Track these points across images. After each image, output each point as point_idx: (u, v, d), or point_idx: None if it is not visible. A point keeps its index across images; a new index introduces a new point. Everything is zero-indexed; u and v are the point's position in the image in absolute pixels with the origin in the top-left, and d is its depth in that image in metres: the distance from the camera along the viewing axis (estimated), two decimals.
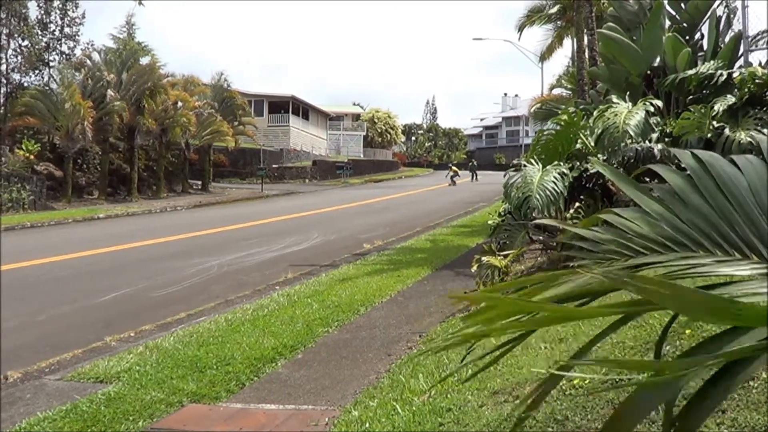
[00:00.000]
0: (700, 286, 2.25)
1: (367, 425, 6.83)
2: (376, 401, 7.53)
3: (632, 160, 12.81)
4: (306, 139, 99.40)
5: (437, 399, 6.98)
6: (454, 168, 79.76)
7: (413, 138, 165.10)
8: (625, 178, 2.96)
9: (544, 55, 51.69)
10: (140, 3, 26.73)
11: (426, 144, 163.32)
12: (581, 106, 17.28)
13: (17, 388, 9.95)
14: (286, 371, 10.00)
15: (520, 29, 48.02)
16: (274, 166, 79.72)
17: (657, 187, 2.84)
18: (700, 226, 2.59)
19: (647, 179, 13.07)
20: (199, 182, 65.24)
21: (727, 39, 18.51)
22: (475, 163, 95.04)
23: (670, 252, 2.57)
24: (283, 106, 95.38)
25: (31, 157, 47.19)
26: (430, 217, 36.54)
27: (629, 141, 12.09)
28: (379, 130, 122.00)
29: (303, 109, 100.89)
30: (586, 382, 5.65)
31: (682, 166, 2.84)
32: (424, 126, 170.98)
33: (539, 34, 49.26)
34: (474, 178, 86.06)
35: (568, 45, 51.73)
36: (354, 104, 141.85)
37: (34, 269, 21.37)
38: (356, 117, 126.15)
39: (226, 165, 75.98)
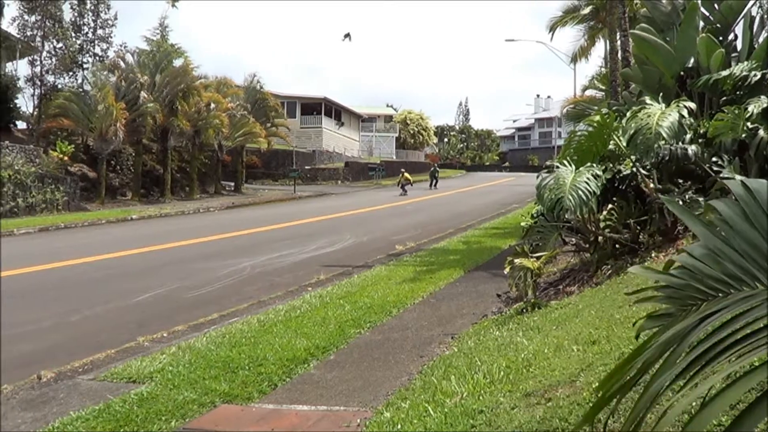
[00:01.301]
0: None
1: (399, 427, 6.82)
2: (408, 403, 7.52)
3: (666, 161, 12.74)
4: (338, 140, 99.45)
5: (469, 401, 6.95)
6: (405, 174, 67.04)
7: (445, 139, 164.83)
8: (689, 214, 2.94)
9: (577, 56, 51.46)
10: (173, 5, 26.88)
11: (458, 145, 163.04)
12: (614, 108, 17.19)
13: (51, 387, 10.00)
14: (319, 372, 10.01)
15: (552, 30, 47.84)
16: (306, 167, 79.79)
17: (716, 219, 2.83)
18: (755, 258, 2.58)
19: (680, 181, 13.00)
20: (232, 183, 65.47)
21: (761, 39, 18.36)
22: (436, 167, 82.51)
23: (734, 291, 2.56)
24: (315, 108, 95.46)
25: (65, 158, 47.42)
26: (462, 219, 36.50)
27: (662, 142, 12.02)
28: (412, 132, 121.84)
29: (335, 111, 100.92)
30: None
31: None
32: (457, 127, 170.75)
33: (572, 35, 49.17)
34: (432, 185, 74.63)
35: (600, 46, 51.34)
36: (387, 106, 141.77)
37: (68, 270, 21.48)
38: (389, 118, 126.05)
39: (259, 166, 76.12)
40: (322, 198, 58.39)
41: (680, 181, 12.94)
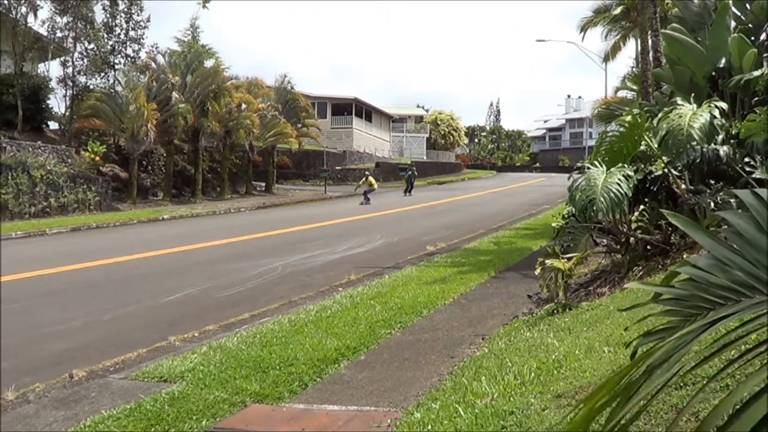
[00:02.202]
0: None
1: (430, 427, 6.81)
2: (438, 403, 7.51)
3: (697, 162, 12.68)
4: (369, 140, 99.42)
5: (500, 402, 6.94)
6: (369, 178, 55.47)
7: (476, 140, 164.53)
8: (696, 228, 2.93)
9: (608, 57, 51.33)
10: (204, 6, 26.94)
11: (489, 146, 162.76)
12: (645, 108, 17.11)
13: (82, 386, 10.06)
14: (349, 372, 10.02)
15: (583, 30, 47.70)
16: (337, 167, 79.81)
17: (725, 230, 2.82)
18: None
19: (712, 182, 12.93)
20: (263, 184, 65.56)
21: None
22: (414, 171, 69.62)
23: (745, 298, 2.54)
24: (346, 108, 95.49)
25: (97, 158, 47.70)
26: (492, 219, 36.44)
27: (694, 143, 11.96)
28: (442, 132, 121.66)
29: (366, 111, 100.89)
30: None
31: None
32: (487, 128, 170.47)
33: (603, 35, 48.96)
34: (407, 191, 63.83)
35: (632, 46, 51.15)
36: (417, 106, 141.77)
37: (100, 269, 21.59)
38: (419, 119, 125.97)
39: (290, 167, 76.23)
40: (352, 198, 58.43)
41: (712, 182, 12.87)
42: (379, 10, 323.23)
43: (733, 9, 19.34)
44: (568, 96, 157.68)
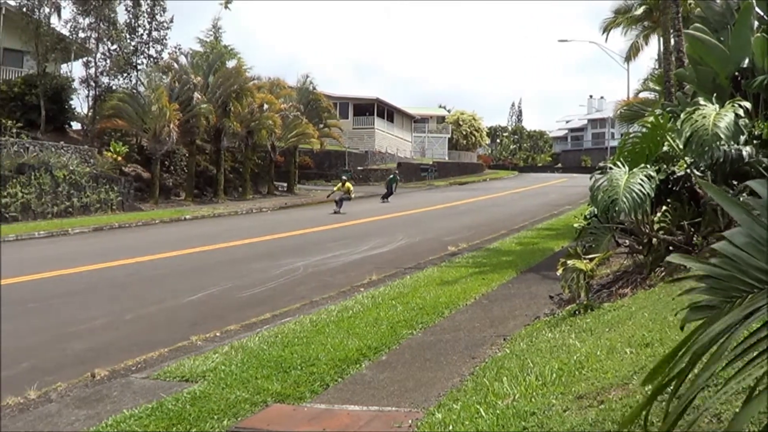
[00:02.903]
0: None
1: (451, 428, 6.80)
2: (459, 404, 7.49)
3: (720, 163, 12.63)
4: (391, 141, 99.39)
5: (521, 402, 6.93)
6: (347, 184, 47.12)
7: (498, 140, 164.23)
8: (728, 199, 2.91)
9: (630, 57, 51.14)
10: (226, 7, 26.93)
11: (511, 146, 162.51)
12: (668, 108, 17.06)
13: (104, 385, 10.10)
14: (370, 373, 10.02)
15: (605, 30, 47.58)
16: (359, 168, 79.86)
17: (755, 201, 2.79)
18: None
19: (735, 182, 12.87)
20: (285, 184, 65.67)
21: None
22: (396, 175, 63.00)
23: None
24: (368, 109, 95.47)
25: (120, 158, 47.92)
26: (514, 220, 36.40)
27: (720, 143, 11.91)
28: (464, 133, 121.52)
29: (388, 112, 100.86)
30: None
31: None
32: (509, 128, 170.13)
33: (625, 36, 48.71)
34: (385, 197, 55.54)
35: (654, 46, 50.97)
36: (439, 106, 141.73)
37: (122, 269, 21.66)
38: (441, 119, 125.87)
39: (312, 167, 76.33)
40: (374, 199, 58.45)
41: (735, 182, 12.82)
42: (402, 10, 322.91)
43: (756, 9, 19.24)
44: (590, 96, 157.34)
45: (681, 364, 2.46)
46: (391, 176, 60.60)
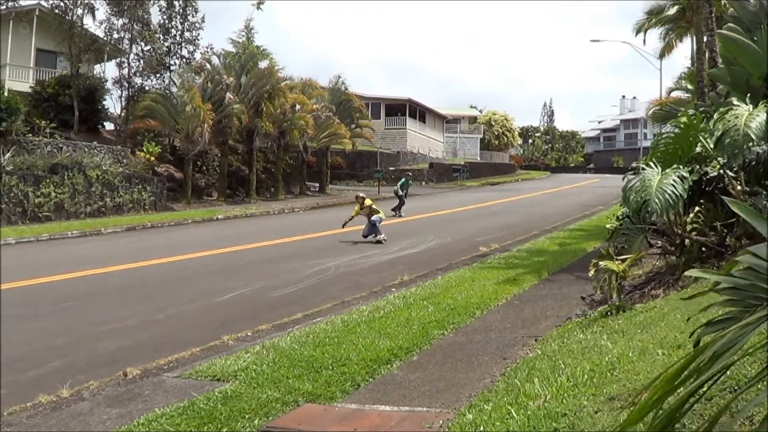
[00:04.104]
0: None
1: (482, 428, 6.78)
2: (490, 405, 7.48)
3: (753, 164, 12.55)
4: (422, 141, 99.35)
5: (552, 404, 6.91)
6: (367, 201, 31.02)
7: (530, 140, 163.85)
8: (755, 214, 2.90)
9: (663, 56, 50.94)
10: (258, 7, 26.99)
11: (543, 147, 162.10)
12: (701, 109, 16.95)
13: (136, 384, 10.16)
14: (401, 373, 10.02)
15: (638, 31, 47.41)
16: (390, 168, 79.75)
17: None
18: None
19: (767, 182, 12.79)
20: (317, 184, 65.80)
21: None
22: (409, 178, 51.51)
23: None
24: (399, 109, 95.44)
25: (152, 159, 48.15)
26: (546, 221, 36.28)
27: (751, 144, 11.83)
28: (496, 133, 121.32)
29: (420, 112, 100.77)
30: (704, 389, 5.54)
31: None
32: (541, 128, 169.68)
33: (658, 35, 48.11)
34: (397, 210, 42.81)
35: (687, 46, 50.75)
36: (471, 107, 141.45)
37: (154, 269, 21.76)
38: (473, 120, 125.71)
39: (344, 167, 76.41)
40: (406, 199, 58.57)
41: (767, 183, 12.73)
42: (434, 10, 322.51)
43: None
44: (623, 96, 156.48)
45: (699, 366, 2.45)
46: (402, 180, 46.62)
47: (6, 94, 44.26)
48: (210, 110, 49.05)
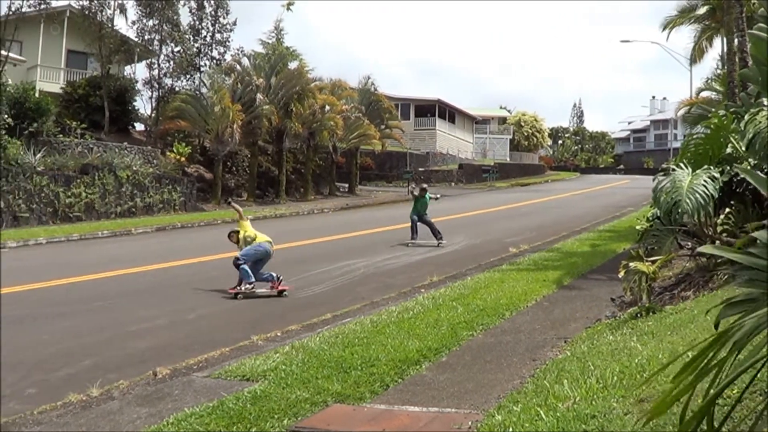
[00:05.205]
0: None
1: (511, 430, 6.78)
2: (519, 406, 7.47)
3: None
4: (452, 142, 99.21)
5: (581, 405, 6.90)
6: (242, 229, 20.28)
7: (560, 141, 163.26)
8: None
9: (694, 57, 50.65)
10: (288, 8, 27.04)
11: (572, 148, 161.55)
12: (732, 109, 16.87)
13: (166, 384, 10.21)
14: (430, 374, 10.02)
15: (666, 27, 47.12)
16: (420, 169, 79.67)
17: None
18: None
19: None
20: (346, 185, 65.80)
21: None
22: (422, 189, 31.49)
23: None
24: (429, 110, 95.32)
25: (182, 159, 48.33)
26: (576, 222, 36.17)
27: None
28: (526, 134, 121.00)
29: (449, 113, 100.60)
30: (734, 391, 5.51)
31: None
32: (571, 129, 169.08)
33: (688, 36, 47.44)
34: (414, 233, 28.40)
35: (717, 46, 50.41)
36: (500, 107, 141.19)
37: (184, 269, 21.86)
38: (502, 120, 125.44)
39: (373, 168, 76.41)
40: (435, 200, 58.51)
41: None
42: (463, 11, 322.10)
43: None
44: (653, 97, 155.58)
45: (721, 354, 2.42)
46: (419, 188, 31.75)
47: (37, 94, 44.57)
48: (240, 111, 49.13)
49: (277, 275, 18.28)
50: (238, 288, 17.98)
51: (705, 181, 11.61)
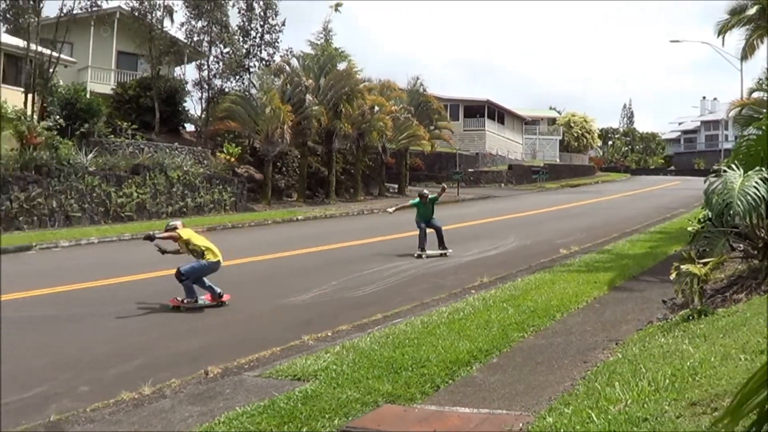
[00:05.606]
0: None
1: None
2: (570, 408, 7.47)
3: None
4: (501, 143, 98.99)
5: (633, 408, 6.88)
6: (184, 234, 18.06)
7: (609, 142, 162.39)
8: None
9: (746, 57, 50.18)
10: (337, 9, 27.13)
11: (623, 148, 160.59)
12: None
13: (217, 383, 10.31)
14: (481, 375, 10.03)
15: (721, 33, 46.77)
16: (469, 169, 79.61)
17: None
18: None
19: None
20: (396, 185, 65.86)
21: None
22: (422, 193, 27.92)
23: None
24: (478, 110, 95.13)
25: (233, 160, 48.58)
26: (627, 223, 35.96)
27: None
28: (575, 135, 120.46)
29: (498, 113, 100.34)
30: None
31: None
32: (621, 130, 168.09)
33: (738, 36, 46.95)
34: (422, 247, 25.15)
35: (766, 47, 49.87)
36: (550, 108, 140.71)
37: (235, 269, 21.93)
38: (552, 121, 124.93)
39: (422, 168, 76.32)
40: (485, 201, 58.37)
41: None
42: (512, 11, 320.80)
43: None
44: (703, 98, 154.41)
45: None
46: (426, 202, 26.89)
47: (88, 96, 45.07)
48: (290, 112, 49.30)
49: (219, 291, 16.93)
50: (180, 301, 16.64)
51: (757, 182, 11.54)
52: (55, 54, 42.54)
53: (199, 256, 17.04)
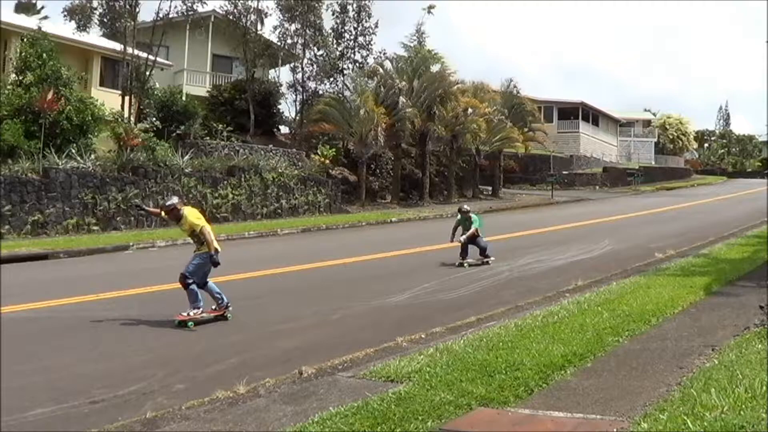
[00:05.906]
0: None
1: None
2: (666, 414, 7.41)
3: None
4: (596, 145, 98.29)
5: (729, 415, 6.82)
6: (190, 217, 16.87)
7: (705, 144, 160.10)
8: None
9: None
10: (429, 11, 27.17)
11: (719, 151, 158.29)
12: None
13: (311, 383, 10.39)
14: (575, 379, 9.97)
15: None
16: (564, 172, 79.14)
17: None
18: None
19: None
20: (490, 188, 65.77)
21: None
22: (462, 209, 26.35)
23: None
24: (572, 112, 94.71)
25: (327, 161, 48.89)
26: (723, 227, 35.45)
27: None
28: (671, 137, 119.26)
29: (593, 115, 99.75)
30: None
31: None
32: (717, 132, 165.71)
33: None
34: (464, 254, 24.53)
35: None
36: (644, 110, 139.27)
37: (329, 270, 22.11)
38: (647, 123, 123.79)
39: (516, 171, 76.06)
40: (579, 203, 57.98)
41: None
42: (608, 12, 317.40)
43: None
44: None
45: None
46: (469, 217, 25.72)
47: (184, 98, 45.74)
48: (383, 114, 49.46)
49: (227, 302, 15.58)
50: (186, 314, 14.98)
51: None
52: (151, 57, 43.34)
53: (199, 243, 15.96)
